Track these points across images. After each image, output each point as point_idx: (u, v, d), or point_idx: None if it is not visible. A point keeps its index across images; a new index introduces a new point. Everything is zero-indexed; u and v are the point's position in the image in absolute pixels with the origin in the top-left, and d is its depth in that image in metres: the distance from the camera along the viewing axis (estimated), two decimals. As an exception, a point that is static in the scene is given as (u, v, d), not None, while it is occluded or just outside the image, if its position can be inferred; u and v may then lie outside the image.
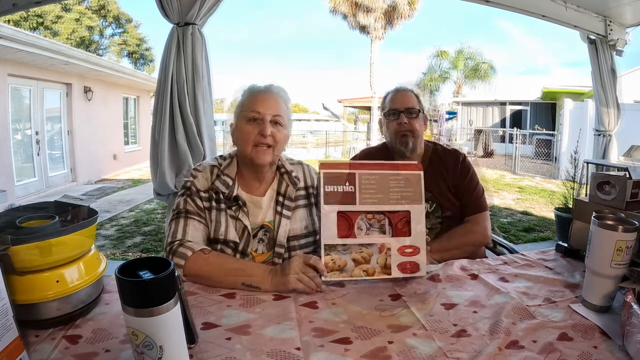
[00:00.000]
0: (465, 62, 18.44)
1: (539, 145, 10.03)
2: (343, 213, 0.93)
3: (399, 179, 0.97)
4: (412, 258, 0.95)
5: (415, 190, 0.97)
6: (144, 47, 21.39)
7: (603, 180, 1.07)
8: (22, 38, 5.11)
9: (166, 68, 1.85)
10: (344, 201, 0.93)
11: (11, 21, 13.55)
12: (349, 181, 0.93)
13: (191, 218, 1.04)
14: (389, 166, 0.98)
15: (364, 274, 0.93)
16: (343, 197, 0.93)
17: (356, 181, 0.94)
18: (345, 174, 0.94)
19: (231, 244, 1.05)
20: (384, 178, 0.96)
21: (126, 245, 3.99)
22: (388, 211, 0.95)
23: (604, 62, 3.00)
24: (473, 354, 0.66)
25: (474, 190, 1.40)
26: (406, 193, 0.97)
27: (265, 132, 1.03)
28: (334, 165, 0.95)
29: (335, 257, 0.92)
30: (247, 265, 0.96)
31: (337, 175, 0.93)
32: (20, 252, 0.67)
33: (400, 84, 1.48)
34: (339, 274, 0.92)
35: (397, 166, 0.99)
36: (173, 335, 0.56)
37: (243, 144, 1.06)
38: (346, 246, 0.93)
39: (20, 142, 6.20)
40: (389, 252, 0.94)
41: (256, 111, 1.04)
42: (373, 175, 0.95)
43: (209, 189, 1.08)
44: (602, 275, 0.80)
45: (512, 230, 4.46)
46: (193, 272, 0.94)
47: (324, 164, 0.94)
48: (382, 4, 13.24)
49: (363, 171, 0.95)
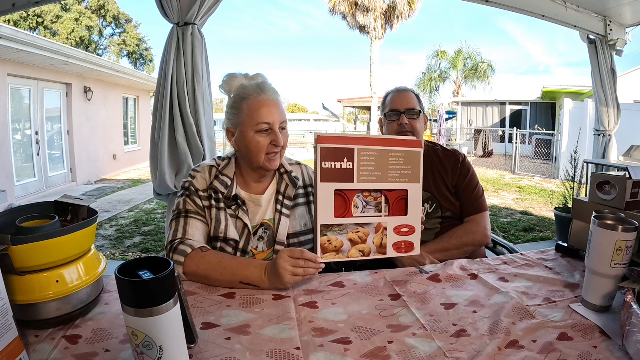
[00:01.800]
0: (465, 62, 18.47)
1: (538, 145, 10.03)
2: (340, 191, 0.90)
3: (399, 156, 0.94)
4: (408, 238, 0.95)
5: (414, 168, 0.95)
6: (144, 47, 21.41)
7: (603, 180, 1.07)
8: (22, 38, 5.11)
9: (166, 68, 1.85)
10: (342, 179, 0.89)
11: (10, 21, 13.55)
12: (347, 157, 0.89)
13: (191, 217, 1.04)
14: (389, 141, 0.94)
15: (360, 255, 0.92)
16: (341, 175, 0.89)
17: (355, 157, 0.90)
18: (344, 149, 0.89)
19: (232, 242, 1.05)
20: (384, 155, 0.92)
21: (126, 245, 3.99)
22: (386, 190, 0.93)
23: (604, 62, 3.00)
24: (473, 354, 0.66)
25: (474, 191, 1.40)
26: (405, 171, 0.95)
27: (279, 142, 1.04)
28: (332, 140, 0.89)
29: (332, 238, 0.90)
30: (244, 264, 0.95)
31: (335, 150, 0.88)
32: (20, 252, 0.67)
33: (400, 85, 1.49)
34: (335, 255, 0.91)
35: (397, 142, 0.95)
36: (173, 335, 0.56)
37: (255, 154, 1.05)
38: (343, 226, 0.91)
39: (20, 142, 6.20)
40: (385, 231, 0.94)
41: (267, 122, 1.03)
42: (372, 151, 0.91)
43: (207, 189, 1.08)
44: (602, 275, 0.80)
45: (512, 230, 4.46)
46: (192, 270, 0.94)
47: (322, 138, 0.88)
48: (382, 4, 13.24)
49: (362, 147, 0.91)
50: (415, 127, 1.39)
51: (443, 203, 1.38)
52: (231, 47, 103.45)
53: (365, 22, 13.45)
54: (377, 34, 13.67)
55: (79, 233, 0.74)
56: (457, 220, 1.38)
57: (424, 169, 1.41)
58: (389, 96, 1.46)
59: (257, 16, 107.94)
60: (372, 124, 14.24)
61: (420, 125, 1.40)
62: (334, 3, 13.52)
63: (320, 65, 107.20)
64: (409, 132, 1.38)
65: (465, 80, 18.77)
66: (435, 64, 19.32)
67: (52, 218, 0.77)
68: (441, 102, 17.35)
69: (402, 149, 0.94)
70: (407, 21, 13.66)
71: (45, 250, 0.69)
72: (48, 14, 16.92)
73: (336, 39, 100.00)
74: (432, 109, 18.05)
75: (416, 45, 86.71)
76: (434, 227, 1.38)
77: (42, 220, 0.77)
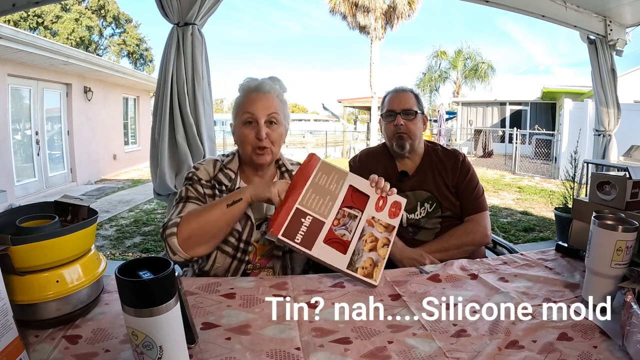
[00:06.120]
0: (465, 62, 18.47)
1: (538, 146, 10.03)
2: (327, 239, 0.93)
3: (320, 176, 0.99)
4: (388, 200, 1.00)
5: (334, 169, 1.01)
6: (144, 47, 21.41)
7: (603, 180, 1.07)
8: (22, 38, 5.11)
9: (166, 68, 1.85)
10: (316, 230, 0.92)
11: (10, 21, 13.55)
12: (301, 216, 0.92)
13: (190, 202, 1.06)
14: (301, 177, 0.98)
15: (387, 248, 0.95)
16: (313, 230, 0.92)
17: (305, 211, 0.93)
18: (296, 215, 0.92)
19: (234, 232, 1.06)
20: (313, 186, 0.97)
21: (126, 245, 3.99)
22: (343, 203, 0.97)
23: (604, 62, 3.01)
24: (473, 354, 0.66)
25: (474, 191, 1.40)
26: (334, 177, 1.00)
27: (261, 135, 1.06)
28: (282, 218, 0.90)
29: (364, 265, 0.92)
30: (227, 195, 1.00)
31: (291, 223, 0.91)
32: (20, 252, 0.66)
33: (400, 85, 1.48)
34: (378, 269, 0.92)
35: (304, 171, 0.99)
36: (173, 335, 0.56)
37: (242, 146, 1.10)
38: (356, 252, 0.93)
39: (20, 142, 6.20)
40: (375, 219, 0.98)
41: (249, 112, 1.07)
42: (306, 192, 0.95)
43: (211, 179, 1.11)
44: (602, 275, 0.80)
45: (512, 230, 4.46)
46: (186, 232, 0.96)
47: (275, 227, 0.88)
48: (382, 4, 13.23)
49: (299, 199, 0.94)
50: (410, 128, 1.38)
51: (443, 202, 1.38)
52: (231, 48, 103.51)
53: (365, 22, 13.43)
54: (377, 34, 13.65)
55: (79, 233, 0.74)
56: (457, 220, 1.38)
57: (424, 168, 1.43)
58: (387, 96, 1.46)
59: (258, 16, 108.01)
60: (372, 124, 14.22)
61: (416, 126, 1.40)
62: (334, 3, 13.50)
63: (320, 66, 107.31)
64: (404, 134, 1.38)
65: (465, 81, 18.78)
66: (435, 64, 19.34)
67: (52, 218, 0.77)
68: (441, 102, 17.39)
69: (312, 171, 0.99)
70: (407, 21, 13.65)
71: (45, 250, 0.69)
72: (48, 14, 16.92)
73: (336, 39, 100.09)
74: (432, 109, 18.05)
75: (416, 45, 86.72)
76: (434, 226, 1.38)
77: (42, 220, 0.77)
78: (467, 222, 1.36)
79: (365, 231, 0.96)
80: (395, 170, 1.44)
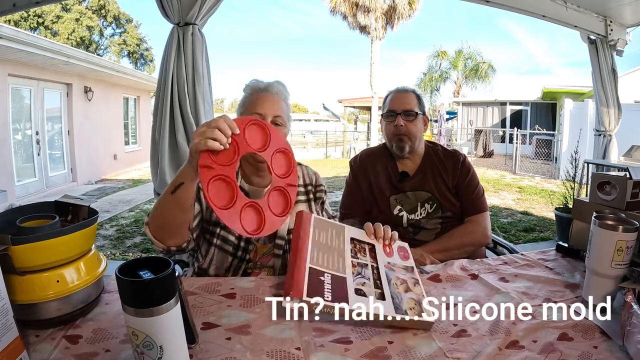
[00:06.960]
0: (465, 62, 18.47)
1: (539, 146, 10.03)
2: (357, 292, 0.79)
3: (319, 234, 0.90)
4: (393, 248, 0.96)
5: (328, 224, 0.94)
6: (144, 47, 21.42)
7: (603, 181, 1.07)
8: (23, 38, 5.11)
9: (166, 68, 1.85)
10: (342, 286, 0.78)
11: (11, 21, 13.56)
12: (318, 275, 0.79)
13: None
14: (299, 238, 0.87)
15: (420, 286, 0.86)
16: (337, 286, 0.78)
17: (320, 269, 0.80)
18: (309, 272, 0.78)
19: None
20: (318, 245, 0.87)
21: (126, 245, 3.99)
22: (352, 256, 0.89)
23: (604, 62, 3.00)
24: (473, 354, 0.66)
25: (474, 191, 1.40)
26: (332, 232, 0.92)
27: None
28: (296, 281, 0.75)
29: (410, 306, 0.79)
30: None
31: (313, 280, 0.77)
32: (20, 252, 0.67)
33: (402, 85, 1.48)
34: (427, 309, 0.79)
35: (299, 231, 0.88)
36: (173, 335, 0.56)
37: None
38: (393, 297, 0.80)
39: (21, 142, 6.21)
40: (390, 264, 0.90)
41: (256, 112, 1.06)
42: (314, 253, 0.84)
43: None
44: (603, 276, 0.80)
45: (512, 230, 4.46)
46: (153, 225, 0.94)
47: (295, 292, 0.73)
48: (382, 4, 13.22)
49: (308, 258, 0.81)
50: (410, 129, 1.38)
51: (443, 203, 1.38)
52: (232, 47, 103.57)
53: (365, 22, 13.42)
54: (378, 34, 13.65)
55: (79, 233, 0.74)
56: (458, 220, 1.38)
57: (425, 169, 1.43)
58: (389, 96, 1.46)
59: (258, 16, 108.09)
60: (373, 124, 14.22)
61: (416, 128, 1.40)
62: (334, 3, 13.50)
63: (320, 65, 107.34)
64: (404, 135, 1.38)
65: (465, 81, 18.78)
66: (435, 64, 19.35)
67: (52, 218, 0.77)
68: (441, 102, 17.36)
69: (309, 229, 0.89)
70: (408, 21, 13.64)
71: (45, 250, 0.69)
72: (48, 14, 16.93)
73: (337, 39, 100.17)
74: (433, 109, 18.06)
75: (417, 45, 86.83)
76: (434, 227, 1.38)
77: (42, 220, 0.77)
78: (467, 223, 1.36)
79: (389, 276, 0.87)
80: (395, 171, 1.44)
